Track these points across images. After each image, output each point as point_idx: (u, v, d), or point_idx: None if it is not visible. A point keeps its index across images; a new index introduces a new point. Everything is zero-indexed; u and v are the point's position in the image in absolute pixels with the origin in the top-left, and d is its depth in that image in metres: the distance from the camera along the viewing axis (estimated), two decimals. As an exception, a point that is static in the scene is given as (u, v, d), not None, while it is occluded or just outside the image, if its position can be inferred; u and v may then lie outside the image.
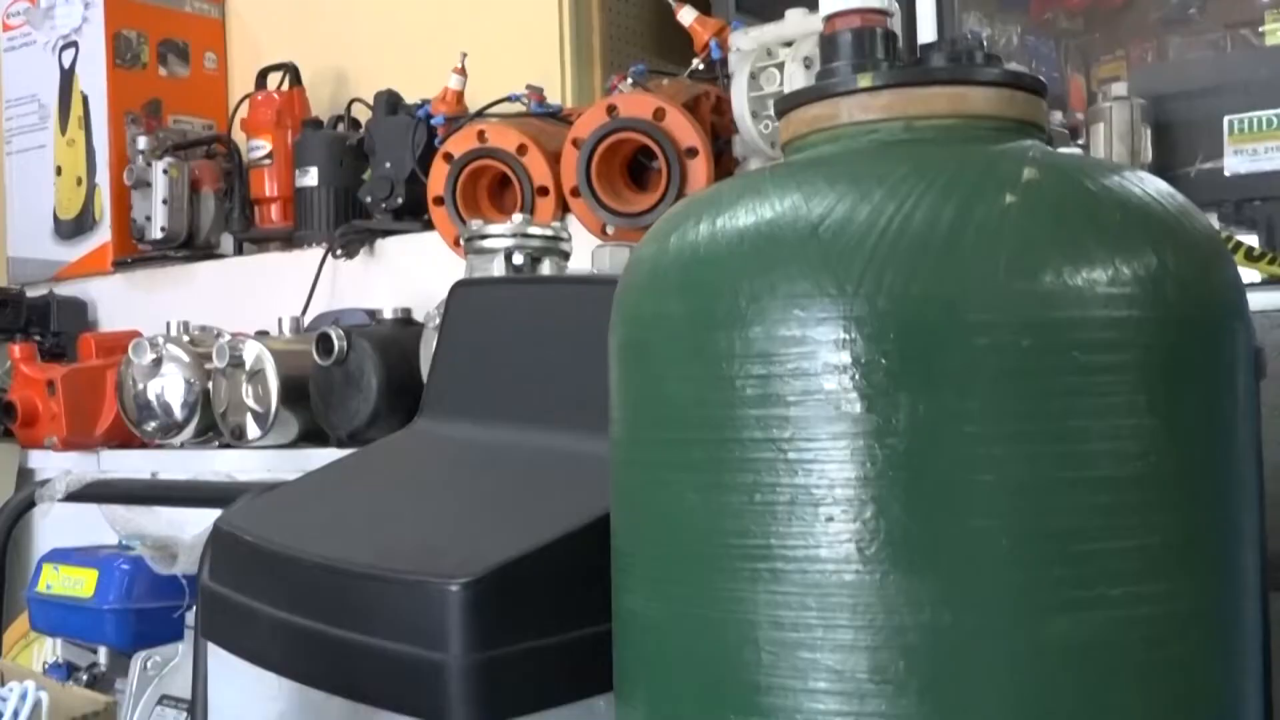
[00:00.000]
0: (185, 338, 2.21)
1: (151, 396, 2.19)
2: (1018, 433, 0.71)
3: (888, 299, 0.72)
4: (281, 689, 1.04)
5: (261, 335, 2.13)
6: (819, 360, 0.73)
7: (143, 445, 2.34)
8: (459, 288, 1.32)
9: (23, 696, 0.67)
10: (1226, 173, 1.89)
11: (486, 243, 1.71)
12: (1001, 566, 0.71)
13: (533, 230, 1.71)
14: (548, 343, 1.20)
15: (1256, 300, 1.23)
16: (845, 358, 0.72)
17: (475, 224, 1.75)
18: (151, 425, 2.20)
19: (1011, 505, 0.71)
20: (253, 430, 2.05)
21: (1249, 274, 1.55)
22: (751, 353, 0.75)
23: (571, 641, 0.96)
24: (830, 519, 0.72)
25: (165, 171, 2.70)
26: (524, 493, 1.08)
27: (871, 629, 0.72)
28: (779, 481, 0.74)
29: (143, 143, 2.79)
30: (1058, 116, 2.01)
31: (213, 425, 2.17)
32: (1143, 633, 0.73)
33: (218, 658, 1.14)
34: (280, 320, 2.21)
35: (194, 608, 1.54)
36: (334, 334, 1.90)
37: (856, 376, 0.72)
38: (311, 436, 2.07)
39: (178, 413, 2.18)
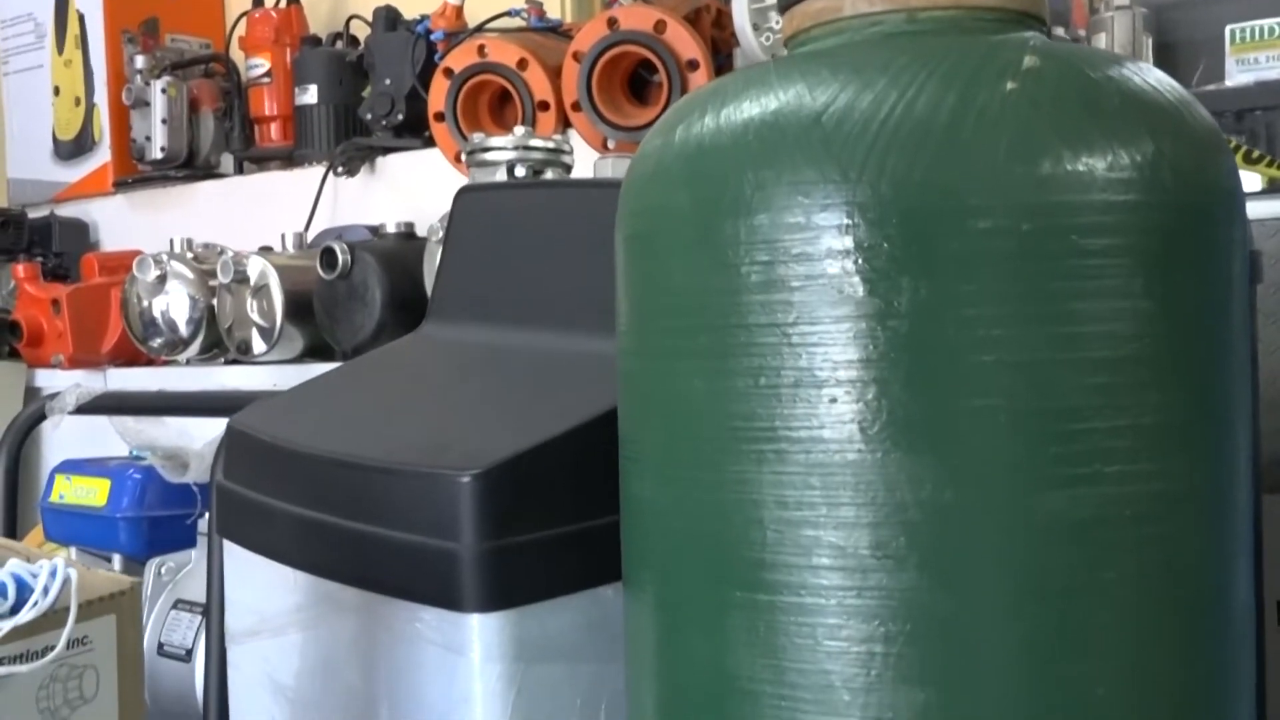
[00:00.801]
0: (189, 254, 2.22)
1: (157, 313, 2.21)
2: (1016, 314, 0.73)
3: (890, 185, 0.73)
4: (297, 582, 1.07)
5: (265, 251, 2.14)
6: (822, 246, 0.74)
7: (149, 362, 2.36)
8: (464, 194, 1.33)
9: (52, 573, 0.70)
10: (1228, 82, 1.90)
11: (489, 155, 1.71)
12: (999, 444, 0.73)
13: (535, 143, 1.71)
14: (553, 246, 1.21)
15: (1255, 209, 1.25)
16: (848, 243, 0.74)
17: (477, 137, 1.75)
18: (157, 342, 2.22)
19: (1010, 385, 0.73)
20: (258, 345, 2.07)
21: (1249, 182, 1.56)
22: (756, 240, 0.76)
23: (580, 532, 0.99)
24: (834, 400, 0.74)
25: (164, 91, 2.70)
26: (531, 390, 1.10)
27: (873, 506, 0.74)
28: (783, 365, 0.76)
29: (140, 62, 2.78)
30: (1060, 32, 2.01)
31: (218, 342, 2.18)
32: (1135, 509, 0.75)
33: (232, 555, 1.17)
34: (283, 236, 2.21)
35: (206, 515, 1.56)
36: (338, 248, 1.91)
37: (859, 261, 0.74)
38: (316, 351, 2.09)
39: (183, 329, 2.19)
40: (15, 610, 0.70)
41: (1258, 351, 1.15)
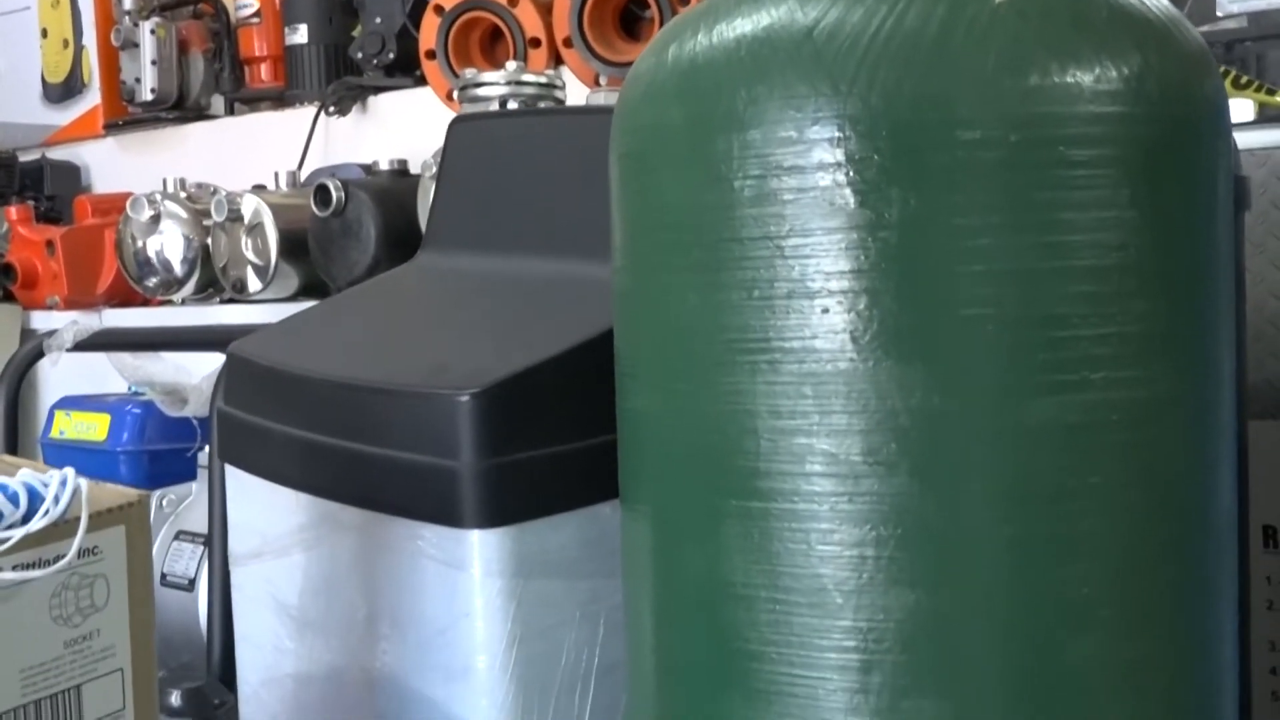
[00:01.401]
0: (182, 194, 2.22)
1: (151, 253, 2.21)
2: (1004, 224, 0.74)
3: (880, 97, 0.74)
4: (299, 504, 1.09)
5: (259, 189, 2.15)
6: (814, 159, 0.76)
7: (144, 303, 2.37)
8: (457, 123, 1.34)
9: (63, 483, 0.71)
10: (1219, 12, 1.90)
11: (481, 91, 1.72)
12: (988, 352, 0.75)
13: (527, 78, 1.72)
14: (547, 173, 1.22)
15: (1245, 139, 1.26)
16: (839, 155, 0.75)
17: (469, 73, 1.76)
18: (152, 281, 2.23)
19: (998, 294, 0.74)
20: (253, 283, 2.08)
21: (1240, 111, 1.57)
22: (749, 154, 0.77)
23: (577, 450, 1.00)
24: (826, 310, 0.76)
25: (152, 32, 2.69)
26: (528, 314, 1.11)
27: (865, 414, 0.76)
28: (776, 277, 0.77)
29: (128, 3, 2.77)
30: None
31: (213, 281, 2.19)
32: (1121, 415, 0.76)
33: (234, 480, 1.19)
34: (276, 175, 2.22)
35: (206, 448, 1.58)
36: (332, 185, 1.92)
37: (850, 173, 0.75)
38: (312, 290, 2.10)
39: (178, 269, 2.20)
40: (27, 519, 0.72)
41: (1245, 280, 1.17)
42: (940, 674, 0.76)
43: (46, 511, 0.72)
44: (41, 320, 2.58)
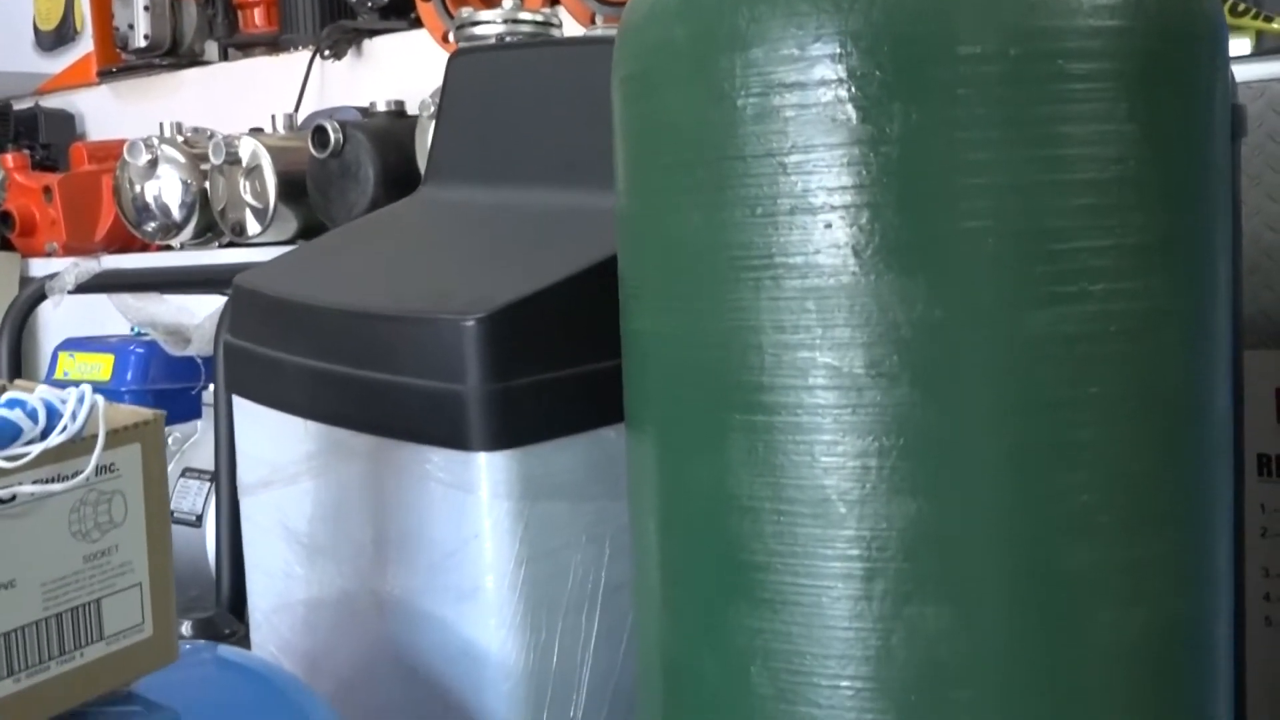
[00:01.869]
0: (179, 138, 2.22)
1: (149, 198, 2.22)
2: (1004, 138, 0.75)
3: (882, 13, 0.75)
4: (307, 432, 1.10)
5: (256, 132, 2.15)
6: (816, 75, 0.76)
7: (143, 248, 2.37)
8: (457, 57, 1.34)
9: (80, 400, 0.72)
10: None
11: (477, 30, 1.71)
12: (988, 264, 0.76)
13: (524, 16, 1.72)
14: (548, 105, 1.23)
15: (1242, 72, 1.27)
16: (841, 71, 0.76)
17: (465, 12, 1.75)
18: (151, 226, 2.23)
19: (998, 207, 0.75)
20: (252, 226, 2.08)
21: (1237, 46, 1.57)
22: (751, 72, 0.78)
23: (582, 375, 1.02)
24: (829, 225, 0.77)
25: (145, -23, 2.68)
26: (532, 242, 1.12)
27: (867, 326, 0.77)
28: (779, 193, 0.78)
29: (120, -52, 2.75)
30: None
31: (212, 225, 2.20)
32: (1119, 326, 0.78)
33: (242, 411, 1.20)
34: (273, 118, 2.22)
35: (210, 386, 1.59)
36: (329, 126, 1.92)
37: (852, 89, 0.76)
38: (310, 232, 2.10)
39: (176, 213, 2.20)
40: (45, 435, 0.73)
41: (1240, 209, 1.18)
42: (942, 581, 0.78)
43: (64, 428, 0.73)
44: (40, 268, 2.59)
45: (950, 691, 0.78)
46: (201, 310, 1.72)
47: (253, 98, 2.57)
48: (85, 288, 1.74)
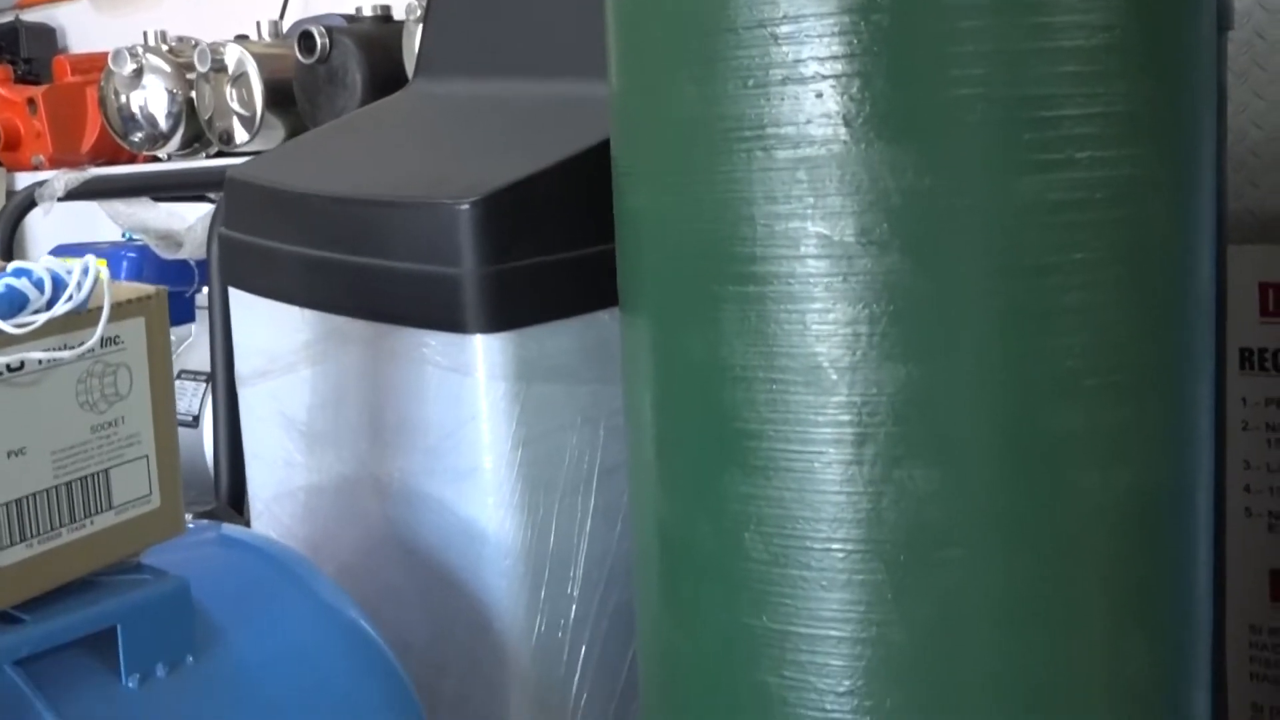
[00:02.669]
0: (164, 47, 2.21)
1: (135, 108, 2.21)
2: (993, 5, 0.76)
3: (872, -120, 0.76)
4: (304, 320, 1.11)
5: (241, 39, 2.14)
6: (807, -56, 0.77)
7: (130, 160, 2.36)
8: (445, -50, 1.33)
9: (85, 271, 0.74)
10: None
11: (463, -72, 1.70)
12: (977, 132, 0.77)
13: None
14: (538, -5, 1.23)
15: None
16: (832, -60, 0.76)
17: (451, -90, 1.74)
18: (138, 136, 2.22)
19: (986, 74, 0.76)
20: (240, 134, 2.08)
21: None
22: (742, -58, 0.79)
23: (576, 258, 1.03)
24: (819, 95, 0.78)
25: (124, -114, 2.64)
26: (524, 130, 1.13)
27: (858, 195, 0.78)
28: (771, 63, 0.79)
29: None
30: None
31: (199, 136, 2.19)
32: (1106, 193, 0.79)
33: (238, 303, 1.21)
34: (258, 24, 2.20)
35: (203, 289, 1.60)
36: (315, 31, 1.91)
37: (843, -43, 0.76)
38: (298, 140, 2.10)
39: (163, 123, 2.20)
40: (51, 304, 0.74)
41: (1226, 102, 1.19)
42: (931, 444, 0.80)
43: (70, 297, 0.74)
44: (26, 182, 2.58)
45: (939, 551, 0.80)
46: (192, 214, 1.73)
47: (235, 11, 2.54)
48: (75, 194, 1.74)
